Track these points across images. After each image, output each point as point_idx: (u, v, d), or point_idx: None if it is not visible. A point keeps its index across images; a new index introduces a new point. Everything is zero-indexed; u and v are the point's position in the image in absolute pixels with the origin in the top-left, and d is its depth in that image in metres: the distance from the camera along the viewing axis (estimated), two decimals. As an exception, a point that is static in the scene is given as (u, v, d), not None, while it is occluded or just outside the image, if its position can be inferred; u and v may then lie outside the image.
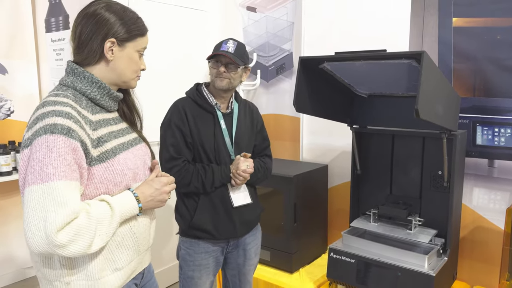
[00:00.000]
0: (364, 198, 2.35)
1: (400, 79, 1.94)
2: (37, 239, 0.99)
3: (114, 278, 1.19)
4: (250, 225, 1.89)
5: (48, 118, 1.05)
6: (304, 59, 1.93)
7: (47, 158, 1.02)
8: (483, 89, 2.15)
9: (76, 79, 1.18)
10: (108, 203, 1.13)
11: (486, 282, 2.20)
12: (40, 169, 1.02)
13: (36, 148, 1.04)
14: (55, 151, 1.03)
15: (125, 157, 1.22)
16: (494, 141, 2.14)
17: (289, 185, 2.37)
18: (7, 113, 3.13)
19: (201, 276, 1.82)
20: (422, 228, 2.08)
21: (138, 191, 1.22)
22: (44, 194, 1.01)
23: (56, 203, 1.01)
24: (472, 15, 2.15)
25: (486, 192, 2.19)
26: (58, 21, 3.11)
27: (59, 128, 1.04)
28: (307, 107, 2.03)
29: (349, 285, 2.10)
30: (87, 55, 1.18)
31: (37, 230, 0.99)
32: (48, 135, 1.03)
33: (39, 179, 1.01)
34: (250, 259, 1.93)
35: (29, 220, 1.00)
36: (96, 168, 1.13)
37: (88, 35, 1.17)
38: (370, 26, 2.51)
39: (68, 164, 1.04)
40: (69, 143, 1.05)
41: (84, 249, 1.05)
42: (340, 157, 2.75)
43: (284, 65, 3.03)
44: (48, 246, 1.00)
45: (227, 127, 1.81)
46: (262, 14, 3.13)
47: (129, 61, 1.23)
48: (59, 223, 1.00)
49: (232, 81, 1.75)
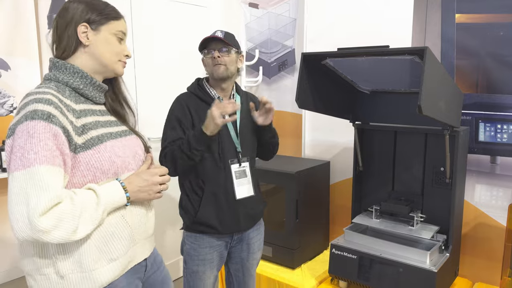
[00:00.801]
0: (366, 194, 2.35)
1: (402, 75, 1.93)
2: (21, 225, 1.00)
3: (109, 268, 1.18)
4: (254, 219, 1.90)
5: (28, 106, 1.06)
6: (307, 55, 1.93)
7: (28, 144, 1.03)
8: (486, 85, 2.15)
9: (57, 72, 1.20)
10: (94, 191, 1.12)
11: (488, 279, 2.20)
12: (22, 155, 1.02)
13: (17, 135, 1.05)
14: (35, 136, 1.03)
15: (112, 144, 1.21)
16: (497, 138, 2.14)
17: (291, 182, 2.38)
18: (9, 109, 3.14)
19: (205, 271, 1.83)
20: (424, 224, 2.08)
21: (126, 181, 1.21)
22: (26, 180, 1.01)
23: (38, 188, 1.01)
24: (475, 11, 2.15)
25: (488, 188, 2.19)
26: (60, 17, 3.12)
27: (39, 114, 1.05)
28: (309, 104, 2.03)
29: (350, 281, 2.11)
30: (65, 46, 1.20)
31: (20, 215, 1.00)
32: (29, 121, 1.04)
33: (20, 165, 1.02)
34: (254, 253, 1.94)
35: (12, 206, 1.01)
36: (82, 155, 1.13)
37: (62, 26, 1.20)
38: (372, 22, 2.51)
39: (49, 150, 1.04)
40: (49, 128, 1.05)
41: (68, 235, 1.04)
42: (342, 154, 2.75)
43: (286, 62, 3.03)
44: (32, 231, 1.00)
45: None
46: (264, 10, 3.12)
47: (106, 43, 1.23)
48: (42, 208, 1.00)
49: (228, 67, 1.75)
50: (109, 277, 1.18)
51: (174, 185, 1.91)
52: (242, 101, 1.88)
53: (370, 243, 2.07)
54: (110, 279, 1.19)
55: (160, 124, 1.87)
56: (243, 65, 1.88)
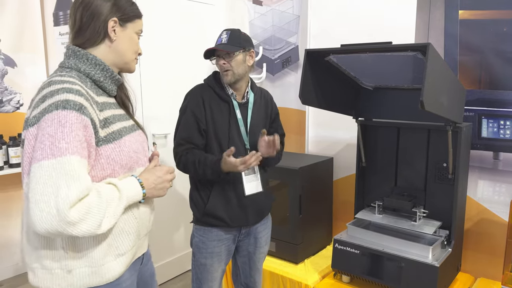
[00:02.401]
0: (369, 190, 2.36)
1: (405, 72, 1.94)
2: (46, 216, 0.96)
3: (117, 263, 1.18)
4: (262, 213, 1.93)
5: (58, 95, 1.04)
6: (310, 52, 1.95)
7: (59, 133, 1.00)
8: (489, 81, 2.15)
9: (79, 61, 1.17)
10: (115, 186, 1.12)
11: (490, 274, 2.21)
12: (52, 144, 0.99)
13: (46, 123, 1.01)
14: (67, 126, 1.01)
15: (129, 139, 1.23)
16: (500, 134, 2.15)
17: (295, 177, 2.39)
18: (16, 106, 3.17)
19: (213, 264, 1.86)
20: (427, 219, 2.10)
21: (142, 178, 1.23)
22: (56, 169, 0.97)
23: (69, 178, 0.98)
24: (478, 8, 2.15)
25: (491, 184, 2.20)
26: (66, 14, 3.14)
27: (71, 104, 1.03)
28: (312, 100, 2.04)
29: (353, 275, 2.13)
30: (90, 36, 1.18)
31: (47, 206, 0.96)
32: (60, 110, 1.01)
33: (50, 154, 0.98)
34: (261, 247, 1.98)
35: (38, 197, 0.96)
36: (103, 148, 1.12)
37: (90, 17, 1.17)
38: (376, 18, 2.51)
39: (80, 141, 1.03)
40: (81, 119, 1.04)
41: (94, 229, 1.02)
42: (345, 150, 2.76)
43: (290, 58, 3.04)
44: (59, 223, 0.96)
45: (243, 117, 1.84)
46: (268, 7, 3.13)
47: (130, 41, 1.25)
48: (72, 199, 0.97)
49: (235, 71, 1.77)
50: (116, 272, 1.18)
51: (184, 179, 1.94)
52: (256, 99, 1.90)
53: (373, 238, 2.09)
54: (117, 274, 1.19)
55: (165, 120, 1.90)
56: (255, 60, 1.89)
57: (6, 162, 2.91)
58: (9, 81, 3.12)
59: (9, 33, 3.09)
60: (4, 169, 2.86)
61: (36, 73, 3.28)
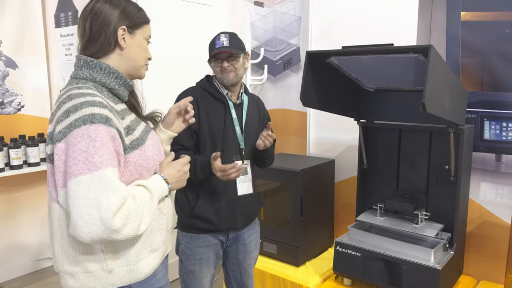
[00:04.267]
0: (370, 192, 2.35)
1: (407, 73, 1.94)
2: (92, 227, 1.01)
3: (151, 259, 1.24)
4: (249, 217, 1.92)
5: (83, 109, 1.06)
6: (311, 54, 1.94)
7: (91, 148, 1.04)
8: (491, 83, 2.14)
9: (92, 71, 1.19)
10: (145, 187, 1.17)
11: (493, 277, 2.20)
12: (86, 159, 1.03)
13: (76, 139, 1.05)
14: (98, 140, 1.05)
15: (151, 142, 1.27)
16: (502, 136, 2.14)
17: (296, 179, 2.39)
18: (17, 107, 3.18)
19: (202, 270, 1.84)
20: (429, 222, 2.08)
21: (165, 174, 1.28)
22: (94, 183, 1.03)
23: (108, 190, 1.03)
24: (480, 9, 2.14)
25: (493, 186, 2.19)
26: (67, 16, 3.14)
27: (98, 118, 1.06)
28: (314, 102, 2.04)
29: (355, 278, 2.12)
30: (101, 46, 1.20)
31: (91, 218, 1.01)
32: (89, 125, 1.05)
33: (86, 169, 1.03)
34: (250, 252, 1.94)
35: (81, 210, 1.02)
36: (130, 155, 1.17)
37: (100, 26, 1.19)
38: (377, 20, 2.50)
39: (110, 152, 1.07)
40: (109, 132, 1.08)
41: (135, 231, 1.08)
42: (347, 152, 2.75)
43: (291, 60, 3.04)
44: (104, 232, 1.02)
45: (238, 117, 1.83)
46: (269, 8, 3.13)
47: (140, 48, 1.27)
48: (114, 209, 1.03)
49: (237, 73, 1.79)
50: (151, 267, 1.24)
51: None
52: (249, 101, 1.90)
53: (375, 240, 2.08)
54: (153, 268, 1.25)
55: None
56: (249, 63, 1.91)
57: (7, 163, 2.91)
58: (11, 82, 3.12)
59: (10, 34, 3.10)
60: (5, 171, 2.86)
61: (37, 75, 3.29)
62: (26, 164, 3.00)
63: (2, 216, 3.14)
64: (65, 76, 3.25)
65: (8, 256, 3.20)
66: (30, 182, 3.26)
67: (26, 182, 3.23)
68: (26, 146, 2.98)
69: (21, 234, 3.26)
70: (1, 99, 3.07)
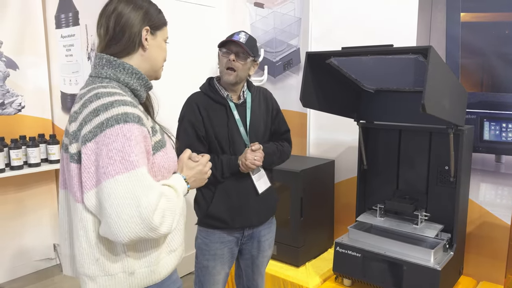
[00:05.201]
0: (370, 193, 2.36)
1: (407, 74, 1.94)
2: (132, 226, 1.00)
3: (169, 259, 1.23)
4: (266, 214, 1.91)
5: (115, 108, 1.06)
6: (311, 55, 1.94)
7: (127, 147, 1.03)
8: (491, 84, 2.15)
9: (116, 71, 1.18)
10: (170, 186, 1.18)
11: (493, 277, 2.20)
12: (122, 158, 1.02)
13: (110, 138, 1.03)
14: (133, 139, 1.04)
15: (170, 145, 1.28)
16: (502, 137, 2.14)
17: (296, 180, 2.39)
18: (18, 108, 3.18)
19: (216, 266, 1.86)
20: (429, 223, 2.09)
21: (185, 174, 1.29)
22: (132, 182, 1.02)
23: (146, 188, 1.03)
24: (480, 10, 2.14)
25: (493, 187, 2.19)
26: (68, 17, 3.15)
27: (131, 117, 1.06)
28: (313, 102, 2.04)
29: (355, 279, 2.12)
30: (125, 45, 1.19)
31: (131, 217, 1.00)
32: (122, 124, 1.04)
33: (123, 168, 1.02)
34: (264, 251, 1.96)
35: (120, 209, 1.00)
36: (155, 157, 1.17)
37: (124, 26, 1.18)
38: (377, 21, 2.51)
39: (143, 152, 1.08)
40: (141, 131, 1.08)
41: (170, 229, 1.09)
42: (347, 152, 2.75)
43: (291, 61, 3.04)
44: (143, 230, 1.01)
45: (241, 117, 1.83)
46: (269, 9, 3.13)
47: (160, 49, 1.27)
48: (153, 206, 1.02)
49: (239, 74, 1.77)
50: (169, 268, 1.23)
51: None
52: (254, 97, 1.89)
53: (375, 241, 2.08)
54: (171, 269, 1.24)
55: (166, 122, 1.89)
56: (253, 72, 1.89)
57: (8, 164, 2.91)
58: (11, 83, 3.13)
59: (11, 35, 3.10)
60: (6, 172, 2.86)
61: (38, 76, 3.29)
62: (26, 165, 3.00)
63: (3, 217, 3.14)
64: (66, 76, 3.26)
65: (8, 257, 3.20)
66: (31, 182, 3.26)
67: (27, 182, 3.24)
68: (27, 147, 2.98)
69: (22, 235, 3.26)
70: (2, 99, 3.08)
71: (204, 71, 3.12)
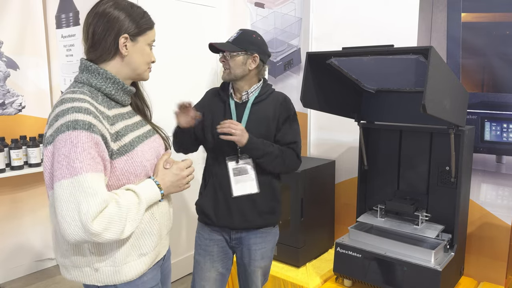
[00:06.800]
0: (371, 193, 2.35)
1: (408, 74, 1.94)
2: (74, 229, 1.05)
3: (139, 263, 1.25)
4: (253, 221, 1.82)
5: (68, 115, 1.09)
6: (311, 55, 1.94)
7: (73, 153, 1.07)
8: (492, 84, 2.14)
9: (90, 76, 1.22)
10: (134, 192, 1.19)
11: (493, 278, 2.20)
12: (68, 164, 1.07)
13: (60, 144, 1.08)
14: (79, 146, 1.08)
15: (142, 149, 1.27)
16: (503, 137, 2.14)
17: (297, 180, 2.39)
18: (18, 108, 3.18)
19: (206, 262, 1.88)
20: (429, 223, 2.08)
21: (158, 179, 1.29)
22: (74, 187, 1.06)
23: (87, 194, 1.06)
24: (481, 10, 2.14)
25: (494, 188, 2.18)
26: (68, 17, 3.15)
27: (81, 124, 1.09)
28: (314, 103, 2.04)
29: (355, 279, 2.11)
30: (101, 52, 1.22)
31: (73, 220, 1.05)
32: (71, 131, 1.08)
33: (67, 174, 1.07)
34: (255, 260, 1.87)
35: (64, 212, 1.06)
36: (117, 161, 1.18)
37: (101, 34, 1.21)
38: (378, 21, 2.50)
39: (93, 158, 1.10)
40: (91, 138, 1.10)
41: (117, 235, 1.11)
42: (348, 153, 2.75)
43: (292, 61, 3.04)
44: (85, 234, 1.06)
45: (238, 116, 1.81)
46: (270, 9, 3.13)
47: (142, 54, 1.28)
48: (93, 213, 1.06)
49: (232, 71, 1.78)
50: (138, 271, 1.25)
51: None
52: (260, 100, 1.82)
53: (375, 242, 2.08)
54: (139, 273, 1.25)
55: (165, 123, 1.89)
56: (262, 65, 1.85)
57: (8, 164, 2.91)
58: (11, 83, 3.13)
59: (11, 35, 3.10)
60: (6, 172, 2.86)
61: (38, 76, 3.29)
62: (27, 165, 3.00)
63: (3, 217, 3.14)
64: (66, 77, 3.26)
65: (9, 257, 3.20)
66: (31, 182, 3.26)
67: (27, 182, 3.24)
68: (27, 147, 2.98)
69: (22, 235, 3.27)
70: (2, 99, 3.08)
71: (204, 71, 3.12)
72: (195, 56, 3.11)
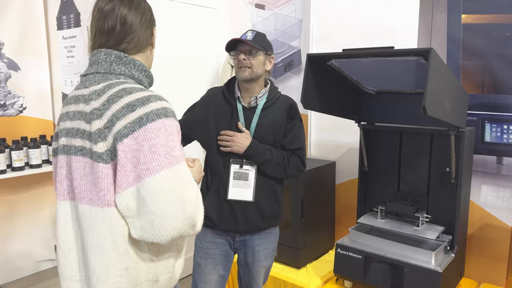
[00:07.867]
0: (371, 194, 2.35)
1: (408, 76, 1.94)
2: (175, 223, 0.97)
3: (180, 263, 1.21)
4: (256, 225, 1.83)
5: (152, 103, 1.02)
6: (312, 56, 1.94)
7: (170, 142, 1.01)
8: (492, 86, 2.14)
9: (126, 68, 1.13)
10: None
11: (494, 279, 2.20)
12: (167, 153, 0.99)
13: (153, 133, 0.99)
14: (174, 133, 1.03)
15: None
16: (503, 138, 2.14)
17: (297, 181, 2.39)
18: (19, 109, 3.19)
19: (207, 265, 1.85)
20: (430, 224, 2.09)
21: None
22: (177, 177, 0.99)
23: (187, 183, 1.01)
24: (481, 12, 2.14)
25: (494, 189, 2.19)
26: (69, 18, 3.15)
27: (169, 112, 1.04)
28: (314, 104, 2.04)
29: (356, 281, 2.11)
30: (136, 43, 1.15)
31: (175, 213, 0.97)
32: (164, 118, 1.02)
33: (167, 163, 0.99)
34: (259, 261, 1.89)
35: (165, 206, 0.97)
36: None
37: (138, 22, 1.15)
38: (378, 23, 2.51)
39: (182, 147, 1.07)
40: (177, 125, 1.07)
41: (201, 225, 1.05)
42: (348, 154, 2.75)
43: (292, 62, 3.04)
44: (185, 227, 0.99)
45: (246, 121, 1.78)
46: (270, 11, 3.14)
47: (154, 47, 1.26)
48: (194, 201, 1.01)
49: (254, 70, 1.73)
50: (180, 271, 1.21)
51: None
52: (269, 105, 1.81)
53: (375, 243, 2.08)
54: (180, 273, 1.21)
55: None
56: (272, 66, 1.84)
57: (9, 165, 2.91)
58: (13, 84, 3.13)
59: (12, 37, 3.11)
60: (7, 173, 2.87)
61: (39, 77, 3.30)
62: (28, 166, 3.00)
63: (4, 218, 3.14)
64: (67, 78, 3.26)
65: (9, 258, 3.20)
66: (32, 183, 3.27)
67: (28, 183, 3.24)
68: (28, 148, 2.98)
69: (23, 236, 3.27)
70: (3, 101, 3.08)
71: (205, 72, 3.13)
72: (196, 57, 3.12)
